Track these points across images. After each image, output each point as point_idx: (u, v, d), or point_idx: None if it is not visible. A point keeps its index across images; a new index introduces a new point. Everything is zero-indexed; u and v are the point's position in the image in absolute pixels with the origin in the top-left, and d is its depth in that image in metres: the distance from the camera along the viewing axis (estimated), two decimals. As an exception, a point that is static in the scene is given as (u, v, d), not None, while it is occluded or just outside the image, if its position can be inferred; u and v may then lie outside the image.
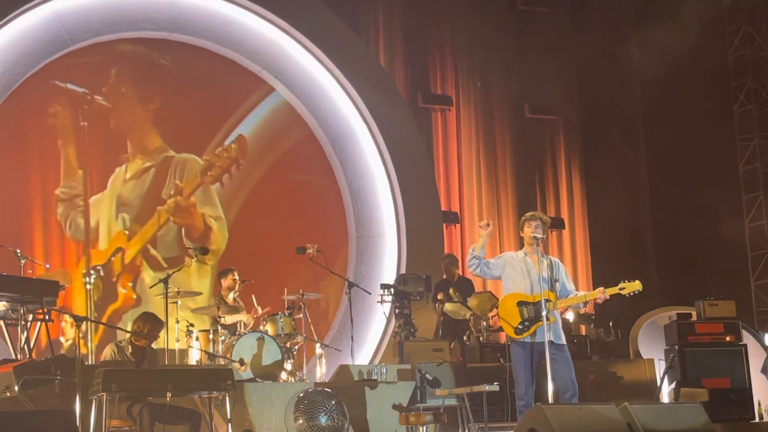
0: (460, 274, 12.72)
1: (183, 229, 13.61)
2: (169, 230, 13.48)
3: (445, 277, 12.58)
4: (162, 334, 9.01)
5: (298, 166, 14.24)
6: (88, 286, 11.12)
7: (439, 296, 12.03)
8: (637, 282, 8.28)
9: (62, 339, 12.43)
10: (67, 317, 10.95)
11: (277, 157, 14.14)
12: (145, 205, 13.40)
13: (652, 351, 11.95)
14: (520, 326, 8.31)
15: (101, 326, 11.75)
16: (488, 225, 8.62)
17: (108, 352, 8.26)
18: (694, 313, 11.53)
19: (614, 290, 8.31)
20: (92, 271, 11.20)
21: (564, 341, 8.38)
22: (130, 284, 13.15)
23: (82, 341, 11.96)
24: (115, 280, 13.06)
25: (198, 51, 13.71)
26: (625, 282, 8.29)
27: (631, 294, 8.33)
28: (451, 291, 12.07)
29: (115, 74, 13.37)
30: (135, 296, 13.13)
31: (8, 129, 12.65)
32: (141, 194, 13.39)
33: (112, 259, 13.12)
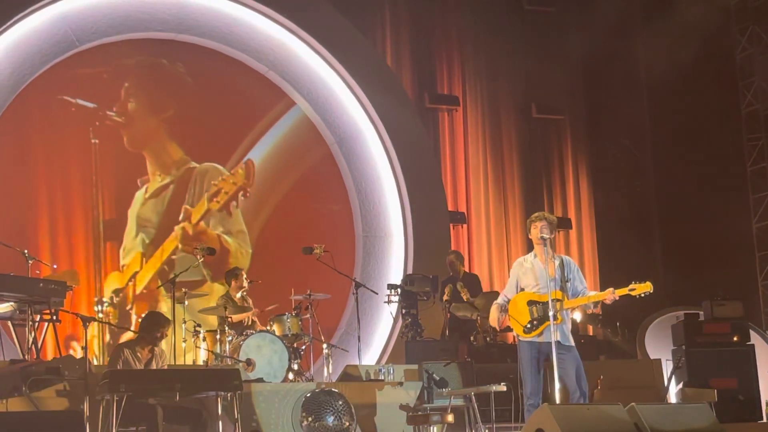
0: (465, 270, 12.73)
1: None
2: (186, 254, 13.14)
3: (450, 273, 12.57)
4: (170, 333, 9.01)
5: (316, 187, 14.19)
6: (100, 315, 10.96)
7: (447, 290, 12.01)
8: (648, 283, 8.24)
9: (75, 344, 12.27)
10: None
11: (296, 177, 14.07)
12: (163, 224, 13.22)
13: (660, 351, 11.94)
14: (528, 325, 8.31)
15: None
16: None
17: (116, 352, 8.26)
18: (701, 314, 11.52)
19: (624, 291, 8.27)
20: (104, 300, 10.96)
21: (572, 342, 8.36)
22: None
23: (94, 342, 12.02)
24: (129, 307, 12.92)
25: (211, 55, 13.63)
26: (635, 283, 8.25)
27: (642, 295, 8.29)
28: (459, 285, 12.06)
29: (126, 88, 13.28)
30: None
31: (15, 131, 12.63)
32: (160, 212, 13.27)
33: (129, 284, 12.90)
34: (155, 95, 13.50)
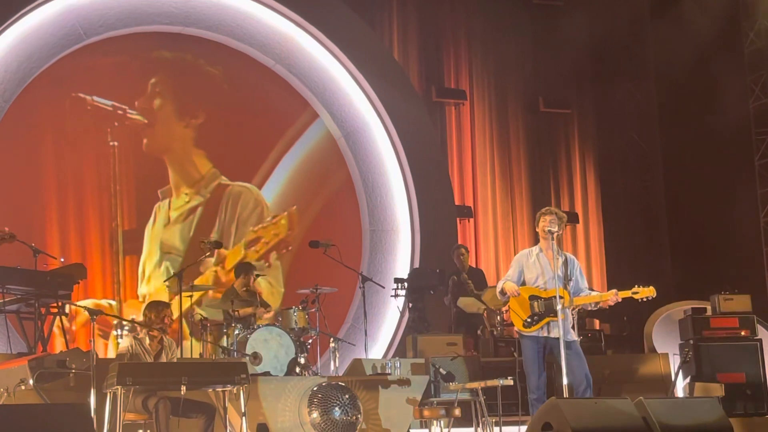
0: (471, 265, 12.73)
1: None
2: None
3: (456, 267, 12.56)
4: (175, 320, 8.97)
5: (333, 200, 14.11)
6: (119, 340, 10.45)
7: (450, 281, 11.99)
8: (651, 288, 8.26)
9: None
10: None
11: (318, 194, 13.94)
12: (190, 252, 12.53)
13: (667, 345, 11.92)
14: (528, 320, 8.33)
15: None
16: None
17: (125, 344, 8.26)
18: (709, 308, 11.49)
19: (627, 294, 8.30)
20: (124, 324, 10.32)
21: (573, 338, 8.37)
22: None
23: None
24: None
25: (242, 59, 13.44)
26: (639, 287, 8.28)
27: (644, 299, 8.32)
28: (464, 276, 12.06)
29: (153, 84, 12.89)
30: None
31: (24, 124, 12.48)
32: (187, 239, 12.63)
33: None
34: (186, 97, 13.09)
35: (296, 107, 13.96)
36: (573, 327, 8.57)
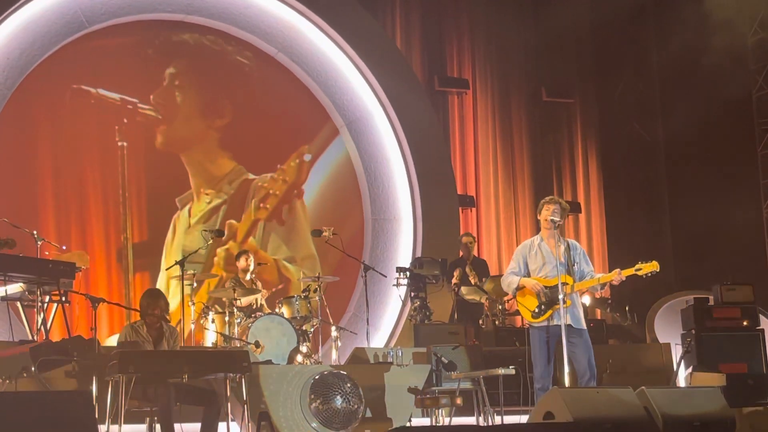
0: (475, 255, 12.73)
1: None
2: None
3: (461, 255, 12.55)
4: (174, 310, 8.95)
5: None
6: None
7: (456, 273, 11.99)
8: (654, 262, 8.19)
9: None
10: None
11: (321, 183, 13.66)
12: (212, 259, 11.94)
13: (669, 335, 11.92)
14: (536, 310, 8.30)
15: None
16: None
17: (123, 333, 8.26)
18: (711, 298, 11.48)
19: (630, 271, 8.23)
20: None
21: (584, 326, 8.34)
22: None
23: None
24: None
25: (266, 58, 12.99)
26: (641, 263, 8.22)
27: (648, 275, 8.24)
28: (467, 269, 12.05)
29: (172, 74, 12.25)
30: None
31: (21, 117, 12.12)
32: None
33: None
34: (210, 90, 12.28)
35: (320, 115, 13.78)
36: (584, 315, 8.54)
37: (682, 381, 11.05)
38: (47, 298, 9.57)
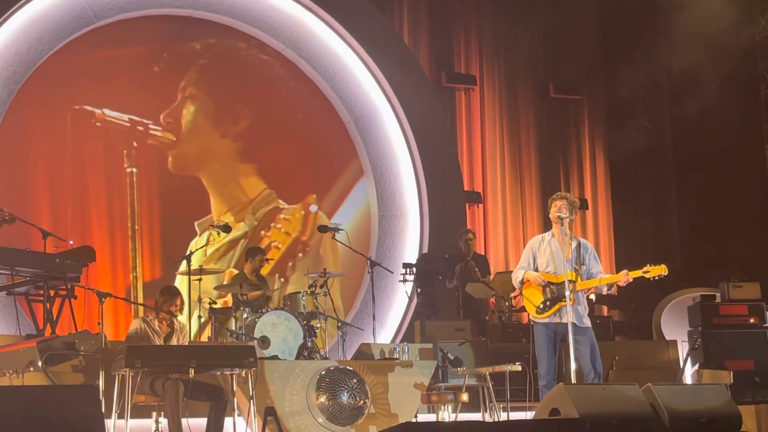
0: (477, 251, 12.73)
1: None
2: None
3: (462, 251, 12.55)
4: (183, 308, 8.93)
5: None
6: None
7: (457, 268, 11.98)
8: (663, 266, 8.20)
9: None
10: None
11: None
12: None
13: (676, 332, 11.92)
14: (541, 306, 8.31)
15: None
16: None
17: (134, 326, 8.28)
18: (718, 295, 11.47)
19: (638, 273, 8.23)
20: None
21: (587, 324, 8.34)
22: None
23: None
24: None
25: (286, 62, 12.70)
26: (650, 266, 8.22)
27: (656, 278, 8.25)
28: (471, 263, 12.05)
29: (184, 87, 11.61)
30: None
31: (19, 136, 11.48)
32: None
33: None
34: (226, 97, 11.56)
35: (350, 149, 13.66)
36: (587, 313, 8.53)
37: (688, 378, 11.05)
38: (54, 293, 9.58)
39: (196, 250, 11.16)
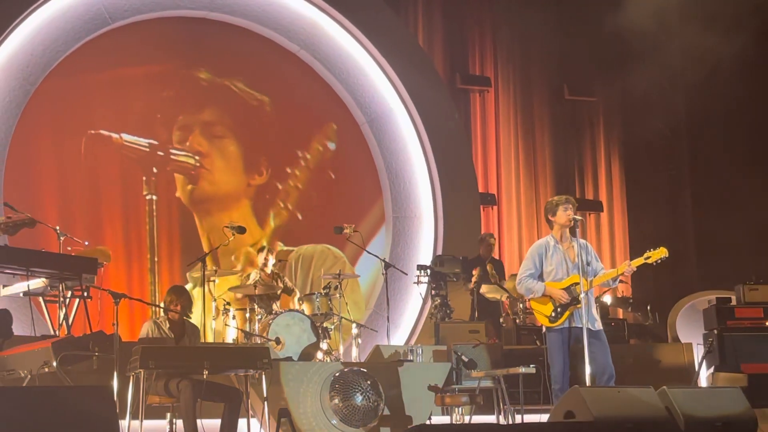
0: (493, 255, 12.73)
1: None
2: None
3: (481, 253, 12.53)
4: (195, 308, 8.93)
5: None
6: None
7: (475, 271, 11.96)
8: (662, 248, 8.11)
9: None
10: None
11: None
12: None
13: (691, 335, 11.86)
14: (553, 314, 8.23)
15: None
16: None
17: (145, 328, 8.29)
18: (733, 298, 11.42)
19: (640, 261, 8.15)
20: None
21: (599, 327, 8.29)
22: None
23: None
24: None
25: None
26: (650, 251, 8.15)
27: (658, 261, 8.16)
28: (488, 267, 12.03)
29: (212, 111, 11.56)
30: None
31: (31, 163, 11.53)
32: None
33: None
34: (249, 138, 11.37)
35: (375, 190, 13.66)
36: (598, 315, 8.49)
37: (703, 381, 11.00)
38: (69, 294, 9.61)
39: (209, 252, 11.17)
